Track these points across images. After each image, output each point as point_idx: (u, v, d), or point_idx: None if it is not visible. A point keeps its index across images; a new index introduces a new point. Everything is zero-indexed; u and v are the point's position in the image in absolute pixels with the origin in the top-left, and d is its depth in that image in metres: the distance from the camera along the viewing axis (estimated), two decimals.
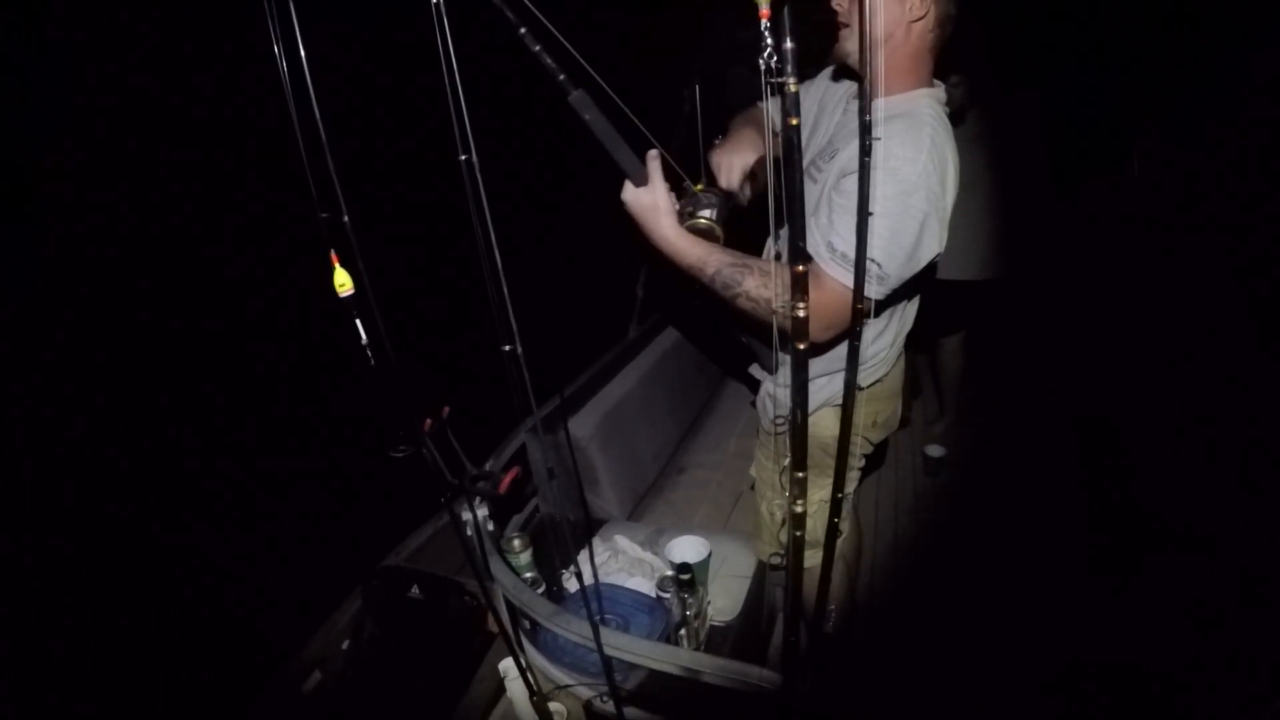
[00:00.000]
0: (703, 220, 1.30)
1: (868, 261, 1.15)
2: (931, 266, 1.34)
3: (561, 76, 1.15)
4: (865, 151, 0.81)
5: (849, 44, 1.31)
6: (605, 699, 1.49)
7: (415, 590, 1.92)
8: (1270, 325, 2.25)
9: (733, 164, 1.48)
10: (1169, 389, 2.56)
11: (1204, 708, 1.76)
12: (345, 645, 1.95)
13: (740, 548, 2.03)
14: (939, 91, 1.38)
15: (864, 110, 0.79)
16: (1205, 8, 2.59)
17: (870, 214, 0.78)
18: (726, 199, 1.36)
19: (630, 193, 1.27)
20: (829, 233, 1.25)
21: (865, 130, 0.81)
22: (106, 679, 2.78)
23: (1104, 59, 3.06)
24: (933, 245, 1.26)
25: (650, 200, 1.26)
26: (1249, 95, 2.47)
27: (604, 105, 1.20)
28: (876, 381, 1.58)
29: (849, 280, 1.18)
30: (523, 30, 1.10)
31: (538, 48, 1.11)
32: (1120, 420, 2.70)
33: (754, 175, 1.51)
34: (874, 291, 1.22)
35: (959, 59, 2.34)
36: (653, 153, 1.26)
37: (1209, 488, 2.19)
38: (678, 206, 1.29)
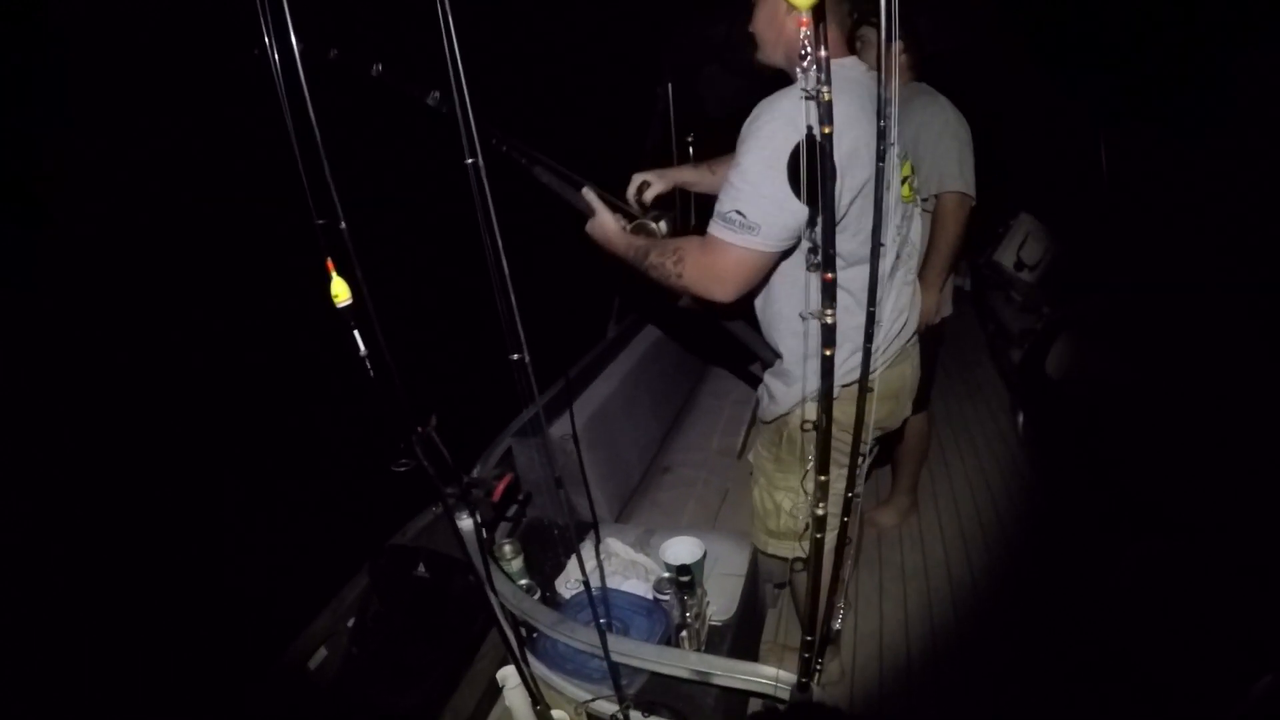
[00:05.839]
0: (648, 225, 1.66)
1: (732, 212, 1.32)
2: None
3: (524, 160, 1.64)
4: (882, 156, 0.81)
5: (759, 55, 1.52)
6: (612, 705, 1.48)
7: (421, 569, 1.93)
8: (1262, 314, 2.31)
9: (643, 184, 1.83)
10: (1161, 377, 2.62)
11: (1188, 688, 1.81)
12: (351, 623, 1.96)
13: (732, 546, 2.04)
14: (844, 64, 1.43)
15: (881, 112, 0.80)
16: (1201, 7, 2.63)
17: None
18: (660, 214, 1.71)
19: (588, 224, 1.64)
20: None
21: (881, 136, 0.81)
22: (115, 652, 2.81)
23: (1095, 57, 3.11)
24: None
25: (598, 220, 1.62)
26: (1245, 95, 2.52)
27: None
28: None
29: (726, 236, 1.34)
30: (494, 141, 1.59)
31: (504, 148, 1.62)
32: (1111, 406, 2.76)
33: (658, 198, 1.85)
34: (749, 240, 1.33)
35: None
36: (585, 189, 1.64)
37: (1196, 472, 2.25)
38: (623, 223, 1.64)
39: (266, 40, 1.02)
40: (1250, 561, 1.85)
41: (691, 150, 3.16)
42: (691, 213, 2.16)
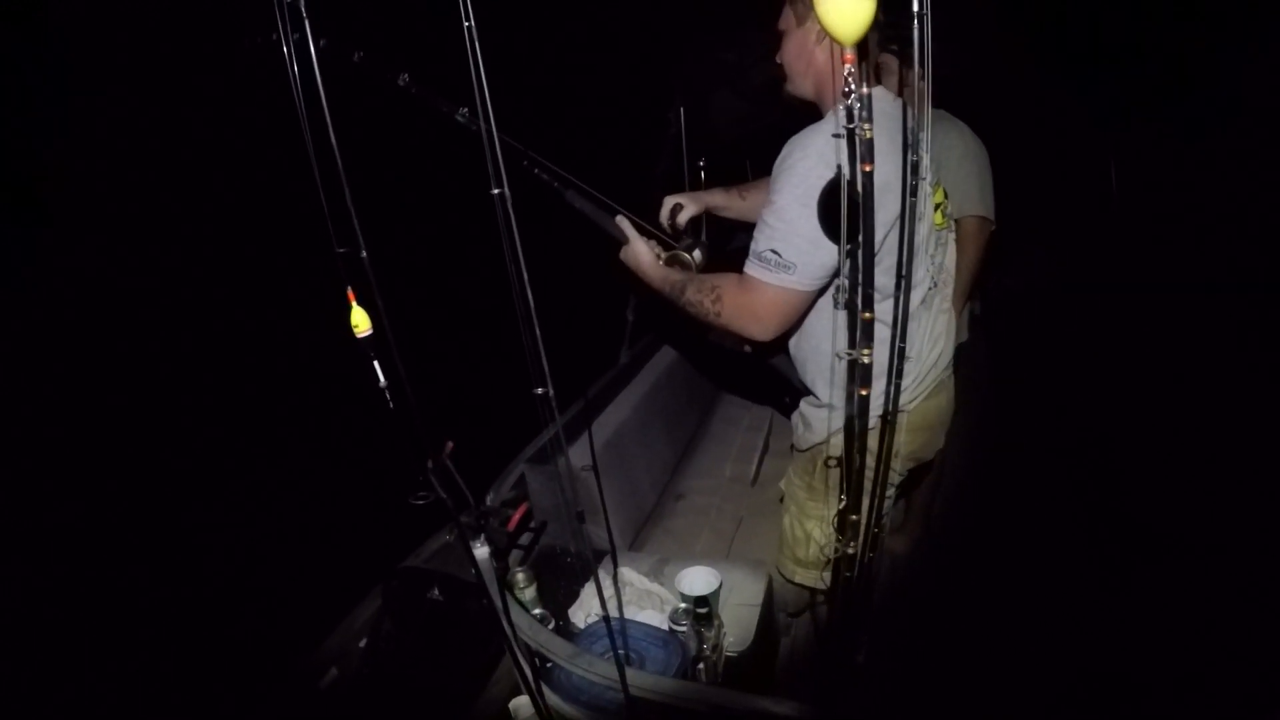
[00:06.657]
0: (682, 256, 1.67)
1: (768, 252, 1.34)
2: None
3: (556, 185, 1.64)
4: (914, 191, 0.80)
5: (788, 87, 1.51)
6: None
7: (435, 592, 1.91)
8: (1259, 330, 2.29)
9: (676, 206, 1.82)
10: (1158, 396, 2.60)
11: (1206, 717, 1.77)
12: (363, 644, 1.93)
13: (747, 575, 2.01)
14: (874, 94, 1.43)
15: (909, 143, 0.79)
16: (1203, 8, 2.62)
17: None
18: (694, 241, 1.72)
19: (621, 251, 1.65)
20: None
21: (914, 170, 0.80)
22: (124, 667, 2.80)
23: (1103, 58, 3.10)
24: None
25: (632, 249, 1.63)
26: (1247, 95, 2.51)
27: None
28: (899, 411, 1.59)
29: (763, 275, 1.37)
30: (524, 164, 1.61)
31: (535, 170, 1.61)
32: (1111, 428, 2.74)
33: (690, 222, 1.84)
34: (786, 279, 1.35)
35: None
36: (619, 217, 1.65)
37: (1203, 494, 2.22)
38: (657, 250, 1.65)
39: (281, 34, 0.96)
40: (1253, 583, 1.83)
41: (703, 174, 3.17)
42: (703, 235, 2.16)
